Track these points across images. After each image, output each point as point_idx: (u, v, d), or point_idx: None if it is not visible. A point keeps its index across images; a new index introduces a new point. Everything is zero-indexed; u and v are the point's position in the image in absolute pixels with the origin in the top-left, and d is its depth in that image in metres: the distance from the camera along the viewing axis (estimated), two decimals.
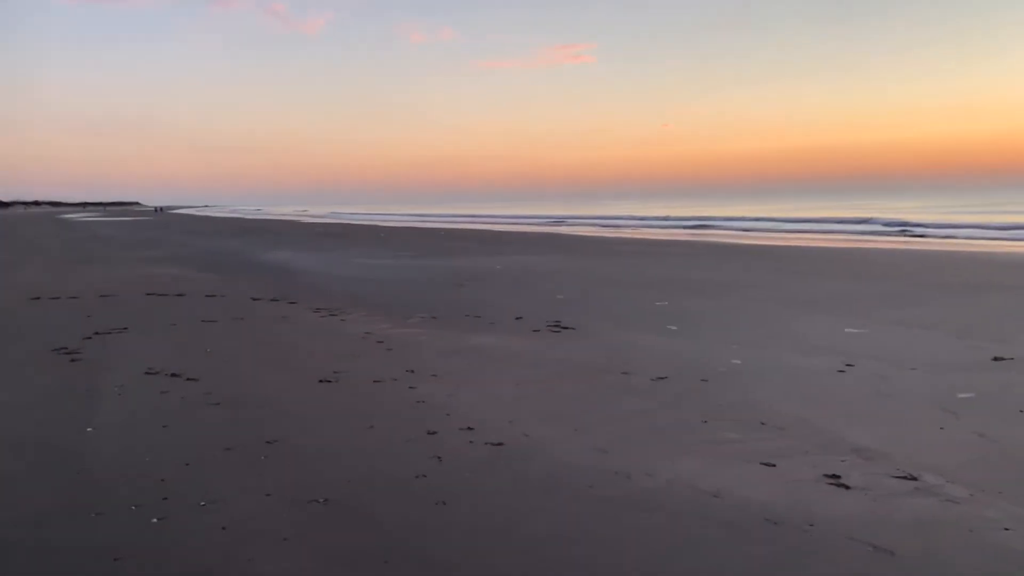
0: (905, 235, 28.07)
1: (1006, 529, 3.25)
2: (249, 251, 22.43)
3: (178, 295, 11.49)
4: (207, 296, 11.39)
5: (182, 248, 24.44)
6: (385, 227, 44.57)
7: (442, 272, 15.28)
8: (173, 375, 6.06)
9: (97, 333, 8.00)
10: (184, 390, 5.63)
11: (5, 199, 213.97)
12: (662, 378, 5.96)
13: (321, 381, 5.91)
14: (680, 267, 15.73)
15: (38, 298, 11.07)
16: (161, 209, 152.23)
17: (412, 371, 6.22)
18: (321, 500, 3.62)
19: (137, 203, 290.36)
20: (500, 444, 4.42)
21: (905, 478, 3.82)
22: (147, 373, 6.14)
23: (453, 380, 5.97)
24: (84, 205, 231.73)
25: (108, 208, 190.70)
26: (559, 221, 50.70)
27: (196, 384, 5.81)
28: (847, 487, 3.71)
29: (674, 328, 8.37)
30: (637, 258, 18.59)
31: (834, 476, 3.85)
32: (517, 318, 9.09)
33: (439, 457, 4.20)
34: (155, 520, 3.39)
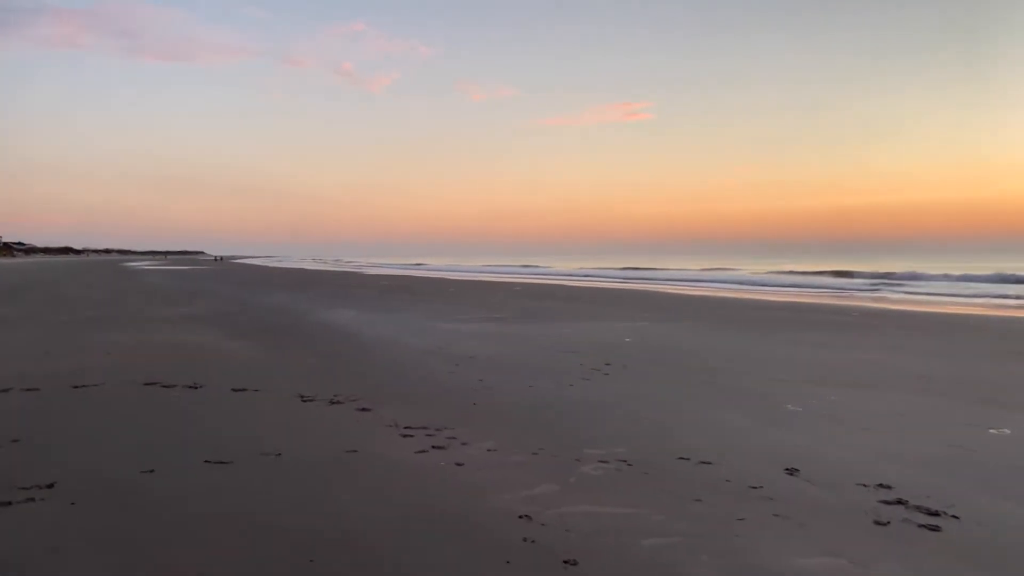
0: None
1: None
2: (306, 309, 18.62)
3: (190, 387, 7.51)
4: (233, 390, 7.38)
5: (229, 304, 20.82)
6: (452, 280, 40.80)
7: (557, 346, 11.05)
8: None
9: None
10: None
11: (78, 247, 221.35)
12: None
13: None
14: (896, 347, 11.15)
15: None
16: (221, 258, 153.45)
17: None
18: None
19: (202, 252, 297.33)
20: None
21: None
22: None
23: None
24: (152, 253, 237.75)
25: (169, 256, 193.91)
26: (636, 278, 46.19)
27: None
28: None
29: None
30: (802, 330, 14.01)
31: None
32: (791, 470, 4.77)
33: None
34: None
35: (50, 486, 4.24)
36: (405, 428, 5.83)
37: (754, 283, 36.69)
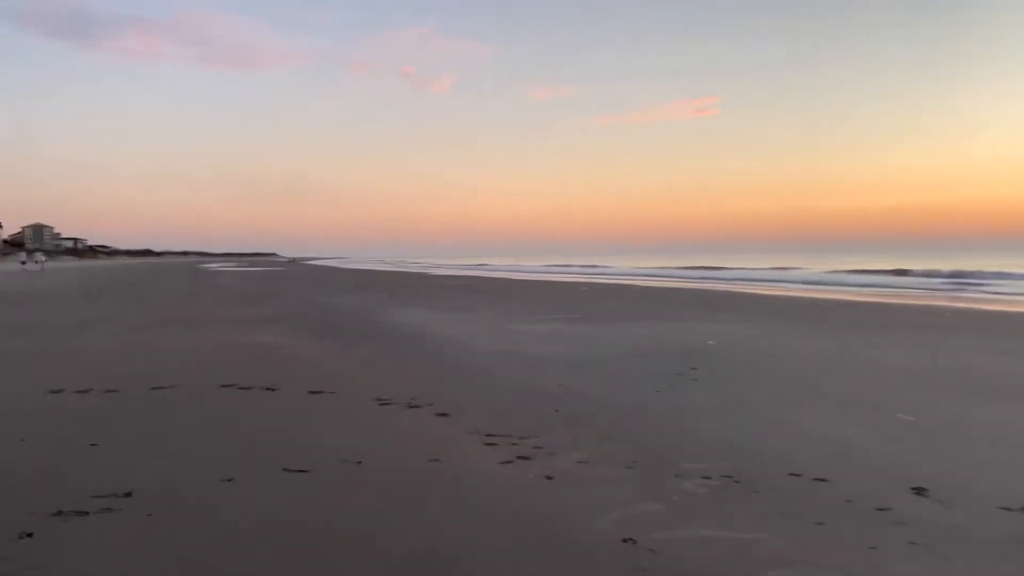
0: None
1: None
2: (376, 309, 18.64)
3: (267, 389, 7.40)
4: (310, 392, 7.23)
5: (301, 305, 21.05)
6: (517, 280, 40.59)
7: (635, 348, 10.61)
8: None
9: None
10: None
11: (158, 249, 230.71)
12: None
13: None
14: (1012, 351, 10.33)
15: (60, 391, 7.25)
16: (293, 260, 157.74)
17: None
18: None
19: (275, 254, 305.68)
20: None
21: None
22: None
23: None
24: (228, 256, 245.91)
25: (244, 259, 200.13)
26: (702, 277, 44.91)
27: None
28: None
29: None
30: (896, 331, 13.19)
31: None
32: (917, 490, 4.27)
33: None
34: None
35: (128, 495, 4.10)
36: (487, 436, 5.54)
37: (825, 283, 35.10)
